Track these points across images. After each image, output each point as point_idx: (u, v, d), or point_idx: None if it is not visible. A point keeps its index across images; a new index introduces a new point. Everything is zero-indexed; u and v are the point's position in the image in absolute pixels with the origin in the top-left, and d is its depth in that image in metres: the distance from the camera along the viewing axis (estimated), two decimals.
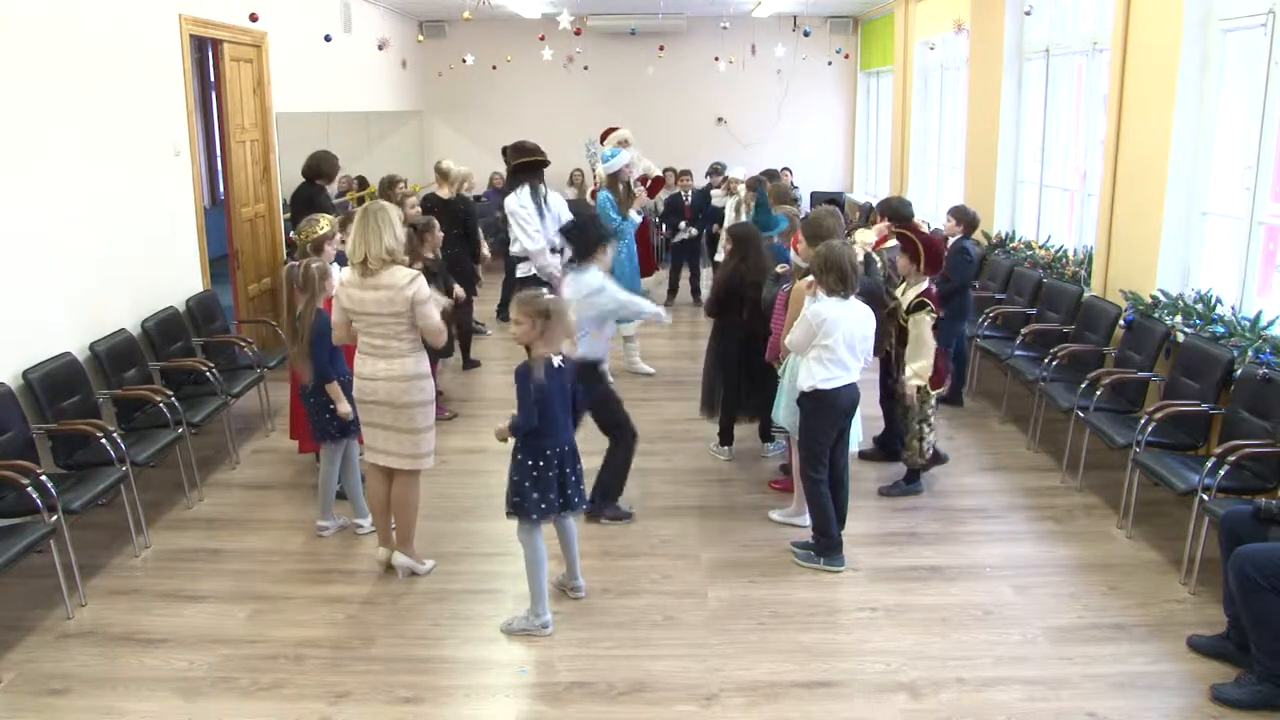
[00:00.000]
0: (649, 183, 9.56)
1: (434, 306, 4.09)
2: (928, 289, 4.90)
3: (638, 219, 7.25)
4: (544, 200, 6.52)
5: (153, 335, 5.68)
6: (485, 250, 8.14)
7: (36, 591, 4.12)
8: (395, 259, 4.03)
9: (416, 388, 4.12)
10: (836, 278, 4.23)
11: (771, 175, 9.06)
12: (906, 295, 4.91)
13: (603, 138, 8.81)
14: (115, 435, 4.54)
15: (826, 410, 4.29)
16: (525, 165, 6.56)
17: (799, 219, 5.87)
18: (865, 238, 5.43)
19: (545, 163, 6.65)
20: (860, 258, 5.20)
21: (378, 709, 3.41)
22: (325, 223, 4.99)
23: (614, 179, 7.24)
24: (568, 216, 6.43)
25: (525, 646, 3.81)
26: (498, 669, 3.68)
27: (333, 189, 9.32)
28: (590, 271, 4.69)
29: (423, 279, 4.08)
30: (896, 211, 5.74)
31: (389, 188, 7.85)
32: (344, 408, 4.48)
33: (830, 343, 4.20)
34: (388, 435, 4.18)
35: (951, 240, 6.37)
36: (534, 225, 6.44)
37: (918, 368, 4.83)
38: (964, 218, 6.49)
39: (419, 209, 7.06)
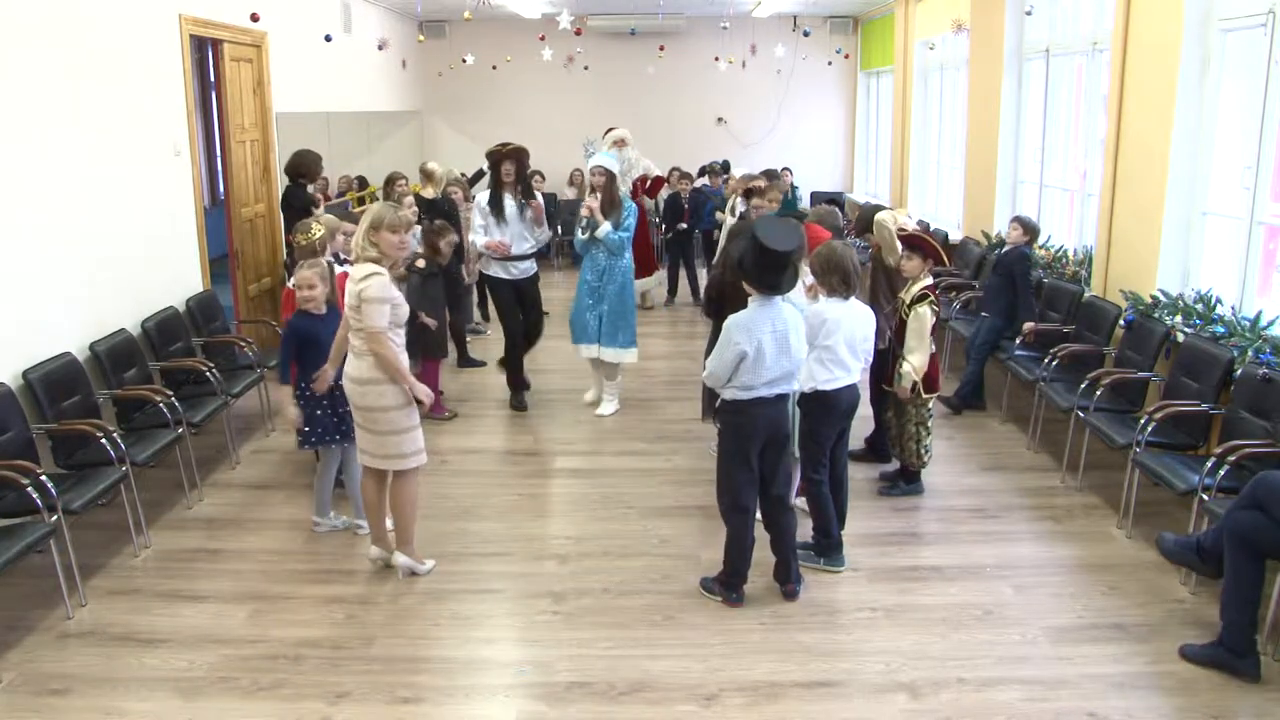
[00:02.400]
0: (649, 183, 9.55)
1: (380, 310, 3.96)
2: (932, 285, 4.91)
3: (582, 237, 6.23)
4: (511, 210, 6.26)
5: (153, 335, 5.68)
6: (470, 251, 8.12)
7: (36, 591, 4.12)
8: (359, 255, 4.05)
9: (375, 393, 4.06)
10: (840, 279, 4.22)
11: (771, 175, 9.06)
12: (910, 291, 4.91)
13: (606, 134, 8.81)
14: (115, 435, 4.54)
15: (827, 411, 4.29)
16: (489, 164, 6.41)
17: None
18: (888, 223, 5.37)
19: (497, 160, 6.28)
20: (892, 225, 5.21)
21: (378, 709, 3.41)
22: (316, 227, 5.01)
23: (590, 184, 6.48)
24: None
25: (525, 646, 3.81)
26: (498, 669, 3.68)
27: (332, 189, 9.37)
28: (772, 305, 3.88)
29: (378, 278, 3.98)
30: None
31: (389, 185, 7.87)
32: (290, 412, 4.49)
33: (831, 343, 4.20)
34: (363, 435, 4.21)
35: (1012, 247, 6.39)
36: (480, 223, 6.29)
37: (914, 361, 4.83)
38: (1029, 227, 6.46)
39: (416, 209, 7.06)
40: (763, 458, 3.99)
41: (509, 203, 6.29)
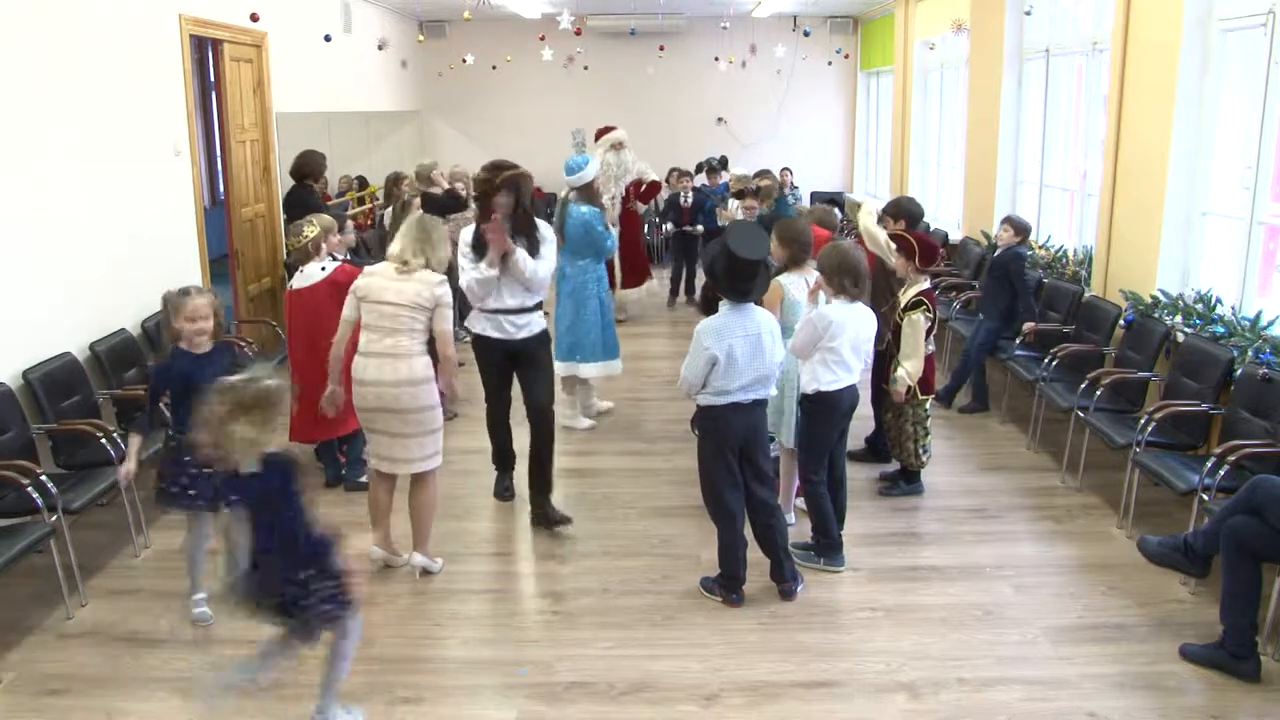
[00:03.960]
0: (644, 188, 9.11)
1: (450, 313, 4.14)
2: (928, 289, 4.90)
3: (612, 232, 6.36)
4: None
5: (153, 335, 5.68)
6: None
7: (36, 591, 4.12)
8: (421, 263, 4.13)
9: (426, 391, 4.11)
10: (851, 280, 4.20)
11: (764, 175, 9.05)
12: (906, 294, 4.91)
13: (598, 136, 8.75)
14: (115, 435, 4.54)
15: (829, 412, 4.29)
16: (477, 194, 4.77)
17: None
18: (868, 223, 5.35)
19: (486, 193, 4.60)
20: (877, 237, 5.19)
21: (378, 709, 3.41)
22: (309, 229, 4.99)
23: (589, 190, 6.05)
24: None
25: (525, 646, 3.81)
26: (498, 669, 3.68)
27: (332, 189, 9.37)
28: (743, 311, 3.87)
29: (447, 283, 4.15)
30: (909, 212, 5.69)
31: (394, 184, 7.85)
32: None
33: (836, 345, 4.19)
34: (394, 441, 4.15)
35: (1005, 248, 6.39)
36: (466, 266, 4.62)
37: (909, 367, 4.83)
38: (1019, 227, 6.46)
39: (421, 210, 7.06)
40: (742, 462, 4.00)
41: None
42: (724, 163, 10.59)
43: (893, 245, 5.19)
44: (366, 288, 4.11)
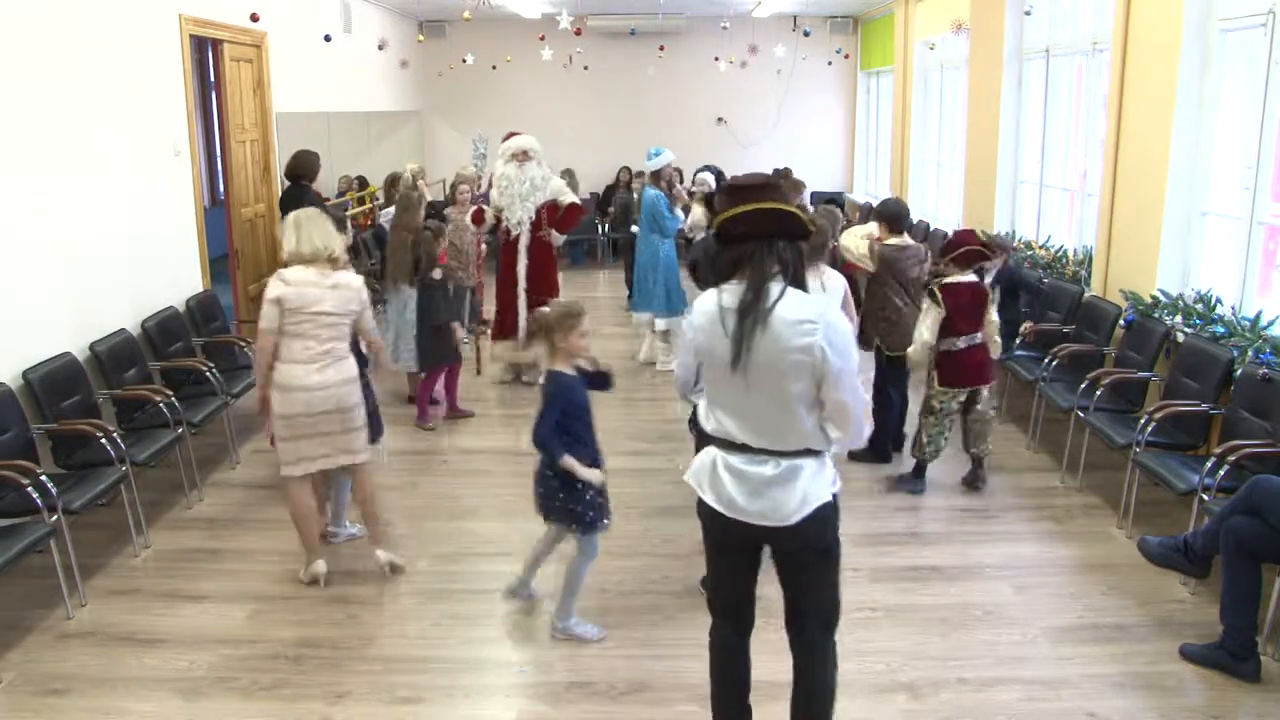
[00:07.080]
0: (560, 212, 7.05)
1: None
2: (949, 284, 4.89)
3: (682, 218, 7.43)
4: None
5: (153, 335, 5.68)
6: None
7: (36, 591, 4.12)
8: (334, 258, 4.16)
9: (360, 386, 4.26)
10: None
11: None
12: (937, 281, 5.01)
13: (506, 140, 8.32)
14: (115, 435, 4.54)
15: None
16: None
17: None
18: (856, 242, 5.41)
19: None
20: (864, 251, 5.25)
21: (378, 709, 3.42)
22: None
23: (657, 177, 7.32)
24: None
25: (525, 646, 3.81)
26: (498, 669, 3.68)
27: (332, 189, 9.36)
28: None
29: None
30: (894, 214, 5.69)
31: (393, 185, 7.85)
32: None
33: None
34: (334, 439, 4.17)
35: (999, 271, 6.39)
36: None
37: (916, 342, 4.92)
38: (1004, 247, 6.45)
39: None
40: None
41: None
42: (720, 177, 10.39)
43: (867, 255, 5.27)
44: (299, 298, 4.02)
